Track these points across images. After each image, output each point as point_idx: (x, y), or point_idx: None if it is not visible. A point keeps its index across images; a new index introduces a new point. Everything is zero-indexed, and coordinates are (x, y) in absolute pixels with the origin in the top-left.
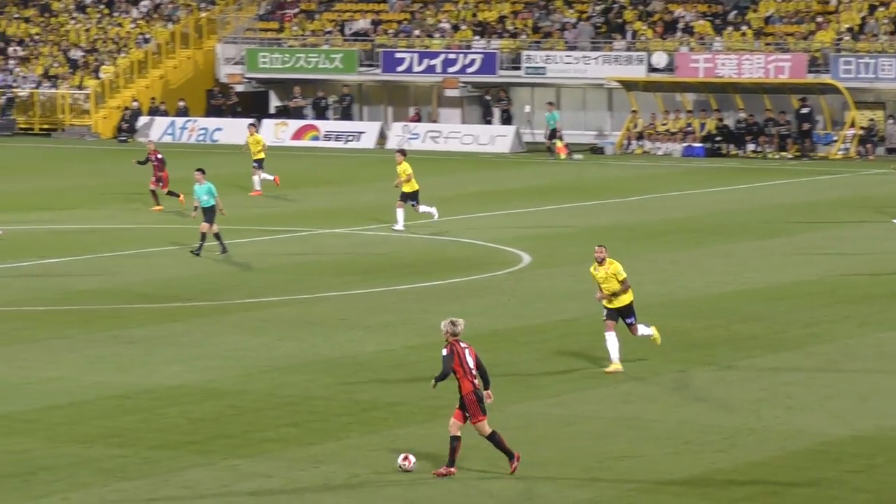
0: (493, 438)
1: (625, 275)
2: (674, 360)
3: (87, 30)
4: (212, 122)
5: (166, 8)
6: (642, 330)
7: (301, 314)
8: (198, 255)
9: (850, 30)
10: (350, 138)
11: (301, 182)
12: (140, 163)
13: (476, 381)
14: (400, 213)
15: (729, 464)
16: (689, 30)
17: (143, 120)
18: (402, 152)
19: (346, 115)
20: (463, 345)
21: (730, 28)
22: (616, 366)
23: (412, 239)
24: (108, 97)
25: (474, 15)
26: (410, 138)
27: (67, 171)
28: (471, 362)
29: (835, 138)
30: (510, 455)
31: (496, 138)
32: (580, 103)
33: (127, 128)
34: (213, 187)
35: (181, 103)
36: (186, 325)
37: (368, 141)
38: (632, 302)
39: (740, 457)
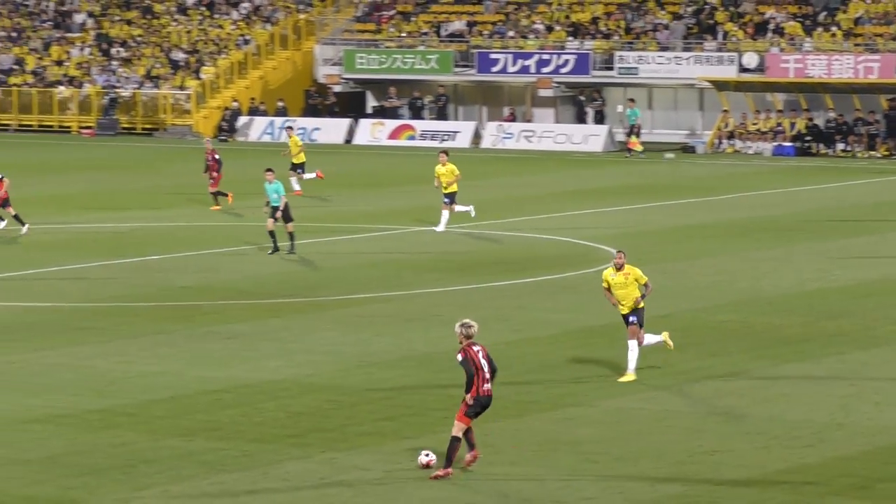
0: (454, 442)
1: (646, 278)
2: (763, 356)
3: (189, 31)
4: (310, 122)
5: (266, 10)
6: (649, 339)
7: (397, 310)
8: (275, 252)
9: None
10: (445, 137)
11: (397, 180)
12: (205, 171)
13: (487, 386)
14: (445, 213)
15: (817, 459)
16: (779, 31)
17: (242, 120)
18: (446, 152)
19: (441, 114)
20: (476, 347)
21: (819, 29)
22: (630, 376)
23: (505, 237)
24: (208, 97)
25: (567, 16)
26: (504, 137)
27: (168, 170)
28: (485, 365)
29: None
30: (448, 461)
31: (589, 137)
32: (672, 103)
33: (227, 127)
34: (280, 186)
35: (280, 103)
36: (285, 321)
37: (463, 140)
38: (643, 307)
39: (828, 452)
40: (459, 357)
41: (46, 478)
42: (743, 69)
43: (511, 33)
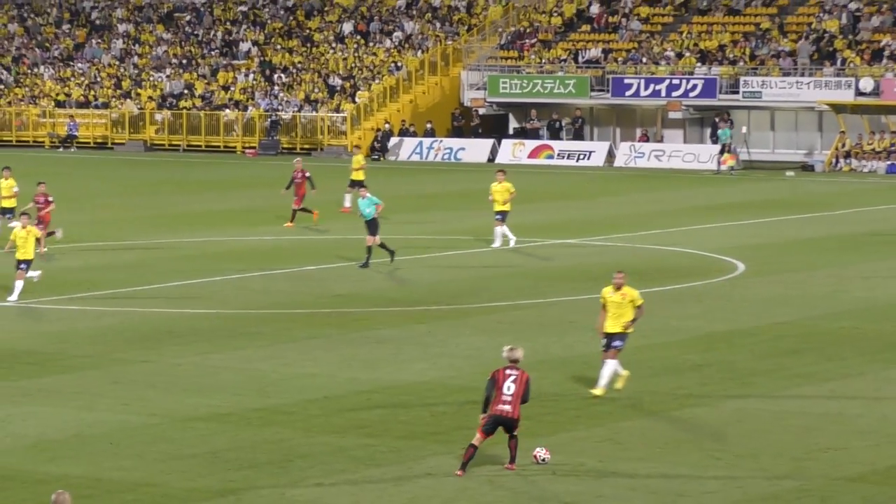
0: (469, 449)
1: (642, 300)
2: (876, 359)
3: (345, 59)
4: (455, 143)
5: (416, 39)
6: (615, 366)
7: (534, 317)
8: (366, 266)
9: None
10: (581, 157)
11: (536, 197)
12: (287, 187)
13: (505, 408)
14: (498, 230)
15: None
16: (894, 57)
17: (393, 140)
18: (504, 171)
19: (577, 135)
20: (510, 371)
21: None
22: (601, 390)
23: (636, 249)
24: (362, 119)
25: (696, 44)
26: (636, 157)
27: (326, 187)
28: (510, 388)
29: None
30: (463, 465)
31: (716, 157)
32: (793, 125)
33: (379, 147)
34: (373, 200)
35: (428, 125)
36: (430, 327)
37: (598, 159)
38: (630, 332)
39: None
40: (488, 377)
41: (209, 471)
42: (859, 93)
43: (644, 60)
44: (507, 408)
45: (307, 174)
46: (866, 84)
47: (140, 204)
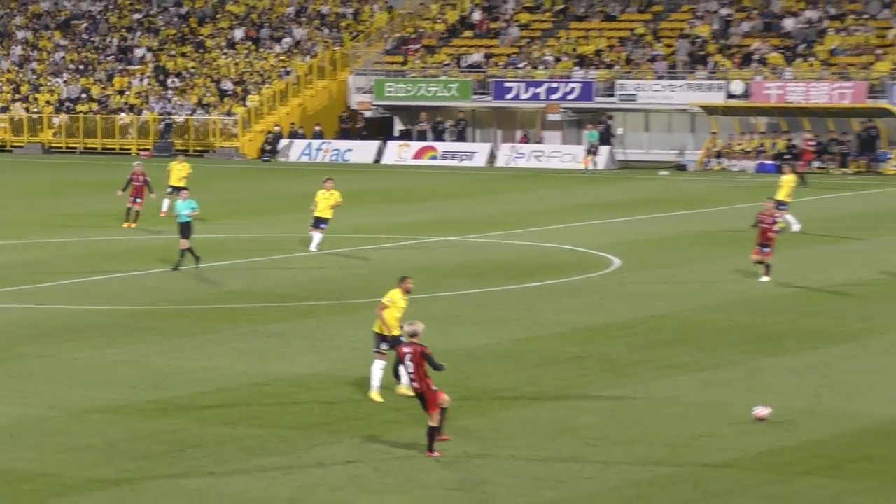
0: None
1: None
2: (746, 350)
3: (237, 64)
4: (343, 144)
5: (305, 45)
6: (380, 374)
7: (419, 312)
8: (177, 269)
9: None
10: (464, 157)
11: (420, 196)
12: (124, 189)
13: (414, 385)
14: (316, 235)
15: (793, 442)
16: (763, 61)
17: (283, 142)
18: (332, 179)
19: (460, 137)
20: (405, 350)
21: (799, 59)
22: (377, 395)
23: (518, 245)
24: (253, 122)
25: (574, 49)
26: (517, 157)
27: (217, 188)
28: (409, 367)
29: (890, 156)
30: (431, 447)
31: (589, 157)
32: (666, 126)
33: (269, 149)
34: (192, 204)
35: (317, 127)
36: (318, 322)
37: (480, 160)
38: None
39: (802, 436)
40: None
41: (105, 462)
42: (730, 95)
43: (524, 64)
44: (415, 384)
45: (146, 177)
46: (736, 87)
47: (39, 205)
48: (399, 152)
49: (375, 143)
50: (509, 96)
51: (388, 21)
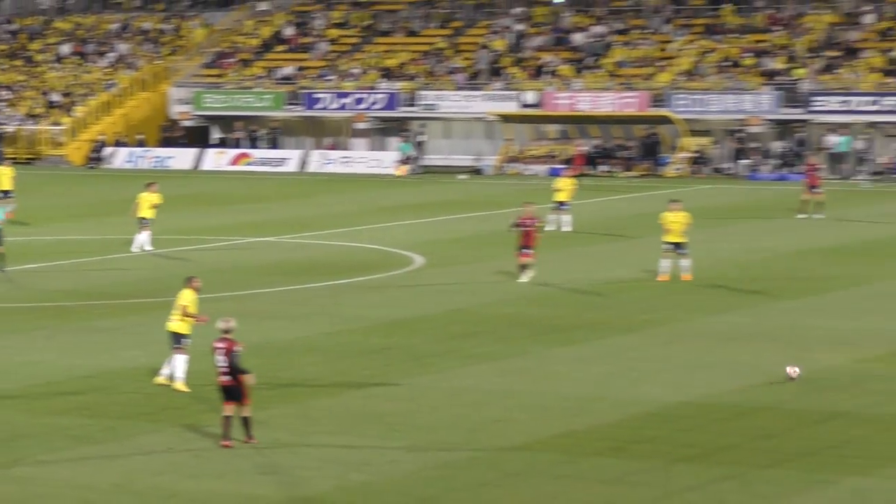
0: (225, 420)
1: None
2: (539, 341)
3: (64, 77)
4: (164, 152)
5: (129, 58)
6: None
7: (236, 308)
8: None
9: (684, 72)
10: (277, 163)
11: (237, 200)
12: None
13: (223, 378)
14: (141, 236)
15: (582, 425)
16: (553, 73)
17: (108, 150)
18: (156, 183)
19: (274, 144)
20: (218, 344)
21: (587, 71)
22: (163, 379)
23: (327, 245)
24: (79, 132)
25: (379, 62)
26: (326, 163)
27: (46, 192)
28: (221, 360)
29: (671, 160)
30: (225, 435)
31: (397, 164)
32: (465, 133)
33: (95, 157)
34: (3, 209)
35: (140, 136)
36: (142, 318)
37: (292, 166)
38: (176, 332)
39: (591, 420)
40: (239, 348)
41: None
42: (524, 105)
43: (332, 76)
44: (225, 377)
45: None
46: (529, 97)
47: None
48: (216, 159)
49: (194, 151)
50: (319, 106)
51: (205, 37)
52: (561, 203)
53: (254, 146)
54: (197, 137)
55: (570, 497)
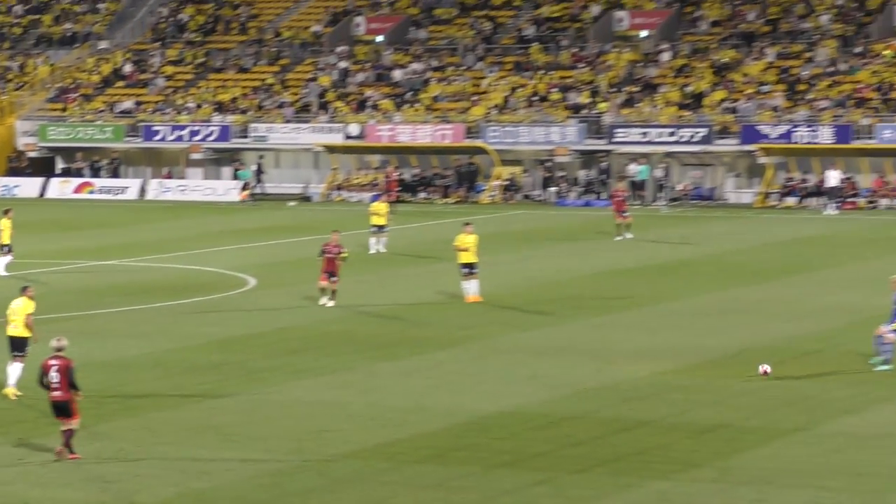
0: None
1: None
2: (365, 356)
3: None
4: (11, 181)
5: None
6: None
7: (80, 327)
8: None
9: (496, 106)
10: (118, 192)
11: (81, 225)
12: None
13: (55, 394)
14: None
15: (405, 434)
16: (375, 107)
17: None
18: (11, 210)
19: (115, 174)
20: (52, 361)
21: (406, 105)
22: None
23: (166, 268)
24: None
25: (214, 97)
26: (164, 191)
27: None
28: (55, 377)
29: (485, 188)
30: (70, 448)
31: (230, 190)
32: (294, 163)
33: None
34: None
35: None
36: None
37: (133, 194)
38: (21, 337)
39: (413, 429)
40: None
41: None
42: (348, 136)
43: (169, 110)
44: (58, 393)
45: None
46: (353, 129)
47: None
48: (61, 188)
49: (40, 180)
50: (157, 138)
51: (49, 73)
52: (379, 227)
53: (96, 175)
54: (42, 167)
55: (394, 502)
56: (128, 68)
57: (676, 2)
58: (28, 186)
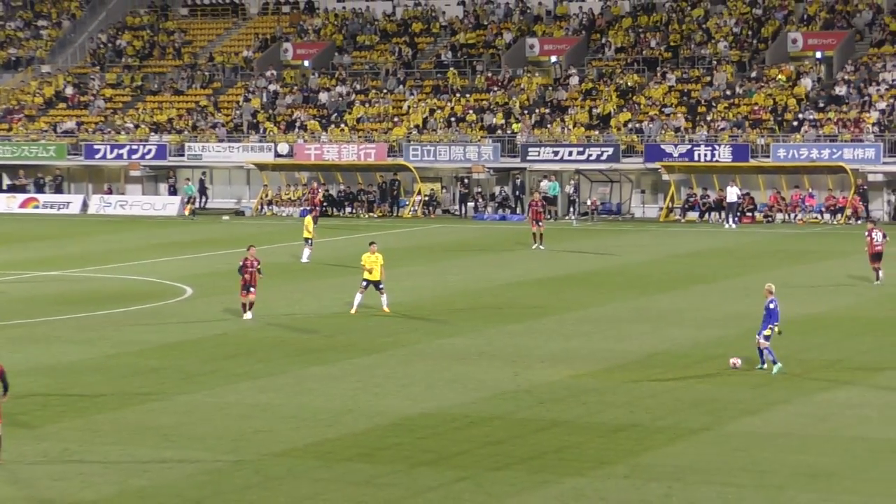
0: None
1: None
2: (296, 361)
3: None
4: None
5: None
6: None
7: (26, 334)
8: None
9: (416, 126)
10: (62, 206)
11: (25, 238)
12: None
13: None
14: None
15: (334, 434)
16: (304, 127)
17: None
18: None
19: (58, 189)
20: None
21: (333, 126)
22: None
23: (108, 278)
24: None
25: (151, 117)
26: (105, 206)
27: None
28: None
29: (407, 203)
30: None
31: (167, 205)
32: (227, 179)
33: None
34: None
35: None
36: None
37: (75, 208)
38: None
39: (343, 430)
40: None
41: None
42: (278, 154)
43: (109, 130)
44: None
45: None
46: (283, 148)
47: None
48: (7, 203)
49: None
50: (98, 156)
51: None
52: (307, 239)
53: (40, 191)
54: None
55: (325, 498)
56: (69, 91)
57: (584, 29)
58: None
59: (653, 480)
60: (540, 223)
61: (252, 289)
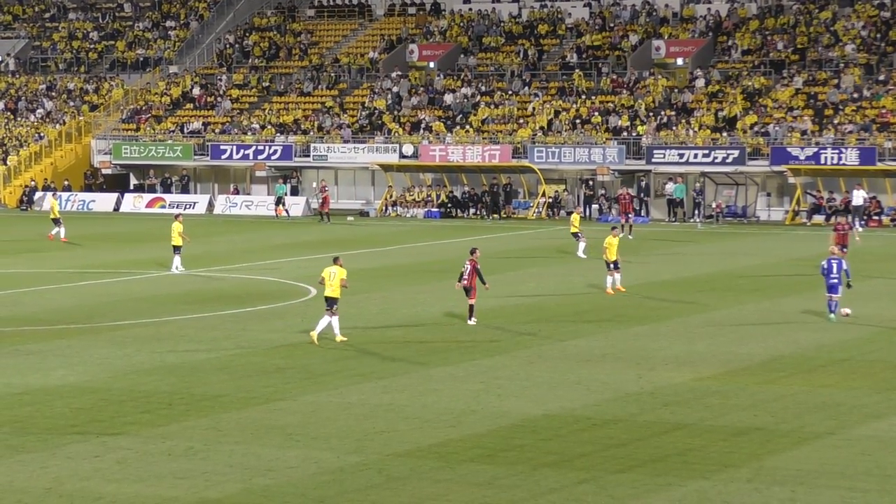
0: None
1: None
2: (420, 361)
3: None
4: (87, 196)
5: (56, 114)
6: None
7: (153, 333)
8: None
9: (541, 128)
10: (188, 206)
11: (151, 238)
12: None
13: None
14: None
15: (457, 435)
16: (428, 128)
17: (38, 194)
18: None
19: (185, 189)
20: None
21: (457, 127)
22: None
23: (233, 278)
24: (13, 178)
25: (277, 118)
26: (231, 206)
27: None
28: None
29: (531, 204)
30: None
31: (292, 206)
32: (352, 180)
33: (27, 200)
34: None
35: (66, 182)
36: (69, 342)
37: (201, 208)
38: None
39: (465, 430)
40: None
41: None
42: (403, 156)
43: (235, 131)
44: None
45: None
46: (407, 149)
47: None
48: (134, 202)
49: (114, 195)
50: (224, 157)
51: (122, 96)
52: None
53: (167, 191)
54: (117, 183)
55: (448, 498)
56: (196, 91)
57: (710, 31)
58: (103, 201)
59: (776, 484)
60: (629, 215)
61: (470, 290)
